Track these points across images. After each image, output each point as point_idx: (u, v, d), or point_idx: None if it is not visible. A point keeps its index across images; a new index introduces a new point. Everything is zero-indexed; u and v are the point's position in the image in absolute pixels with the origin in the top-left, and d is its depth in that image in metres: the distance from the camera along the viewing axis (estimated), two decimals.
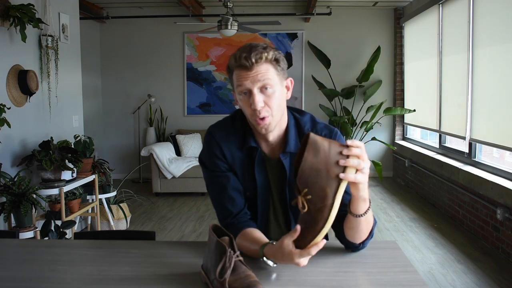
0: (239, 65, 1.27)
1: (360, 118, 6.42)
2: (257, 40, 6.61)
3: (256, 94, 1.28)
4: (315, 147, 1.11)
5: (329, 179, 1.10)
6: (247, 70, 1.27)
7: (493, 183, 3.49)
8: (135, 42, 6.78)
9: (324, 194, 1.10)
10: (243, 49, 1.28)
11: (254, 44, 1.30)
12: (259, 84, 1.28)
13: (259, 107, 1.28)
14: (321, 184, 1.10)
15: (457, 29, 4.44)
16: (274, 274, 1.18)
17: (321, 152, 1.10)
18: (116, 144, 6.90)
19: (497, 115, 3.69)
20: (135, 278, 1.18)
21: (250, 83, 1.27)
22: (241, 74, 1.28)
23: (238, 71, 1.29)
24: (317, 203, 1.10)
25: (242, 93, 1.30)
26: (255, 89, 1.28)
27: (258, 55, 1.26)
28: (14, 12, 2.90)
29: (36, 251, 1.43)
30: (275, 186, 1.45)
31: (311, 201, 1.11)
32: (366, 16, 6.58)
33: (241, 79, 1.28)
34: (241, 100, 1.32)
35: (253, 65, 1.26)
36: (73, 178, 3.34)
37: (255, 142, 1.40)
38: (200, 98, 6.81)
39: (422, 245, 3.72)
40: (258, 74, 1.27)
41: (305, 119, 1.43)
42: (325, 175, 1.10)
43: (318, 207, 1.10)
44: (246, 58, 1.26)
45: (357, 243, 1.29)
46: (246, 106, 1.31)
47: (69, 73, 3.91)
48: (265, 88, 1.28)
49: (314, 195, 1.11)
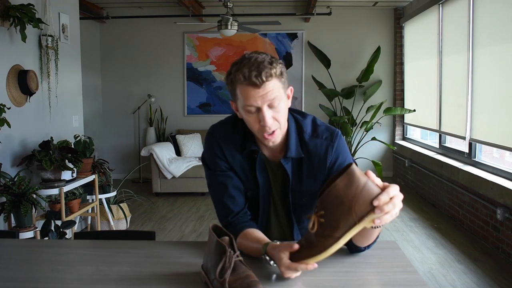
0: (248, 83, 1.24)
1: (360, 118, 6.42)
2: (257, 40, 6.62)
3: (266, 111, 1.26)
4: (350, 179, 1.08)
5: (348, 214, 1.07)
6: (256, 88, 1.24)
7: (493, 183, 3.49)
8: (135, 42, 6.78)
9: (337, 225, 1.08)
10: (251, 66, 1.24)
11: (259, 58, 1.25)
12: (268, 102, 1.26)
13: (269, 124, 1.27)
14: (338, 215, 1.08)
15: (457, 29, 4.44)
16: (274, 274, 1.18)
17: (353, 187, 1.07)
18: (116, 144, 6.90)
19: (497, 115, 3.69)
20: (135, 278, 1.18)
21: (260, 102, 1.25)
22: (249, 92, 1.25)
23: (245, 87, 1.25)
24: (326, 230, 1.09)
25: (248, 111, 1.28)
26: (265, 106, 1.26)
27: (268, 73, 1.23)
28: (14, 12, 2.90)
29: (36, 251, 1.43)
30: (277, 188, 1.45)
31: (322, 225, 1.10)
32: (366, 16, 6.58)
33: (250, 97, 1.25)
34: (248, 116, 1.29)
35: (263, 83, 1.24)
36: (73, 178, 3.34)
37: (256, 145, 1.40)
38: (200, 98, 6.81)
39: (422, 245, 3.72)
40: (267, 92, 1.24)
41: (307, 122, 1.42)
42: (346, 210, 1.07)
43: (325, 234, 1.09)
44: (257, 76, 1.22)
45: (363, 247, 1.29)
46: (253, 122, 1.29)
47: (69, 73, 3.91)
48: (273, 105, 1.27)
49: (327, 221, 1.09)
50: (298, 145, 1.39)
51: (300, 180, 1.41)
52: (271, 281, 1.15)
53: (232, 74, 1.28)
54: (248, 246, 1.28)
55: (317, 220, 1.10)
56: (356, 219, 1.07)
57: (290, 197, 1.42)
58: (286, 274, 1.12)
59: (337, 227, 1.08)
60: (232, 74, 1.28)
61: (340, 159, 1.39)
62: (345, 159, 1.40)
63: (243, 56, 1.29)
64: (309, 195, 1.42)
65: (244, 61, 1.26)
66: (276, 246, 1.18)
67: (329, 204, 1.09)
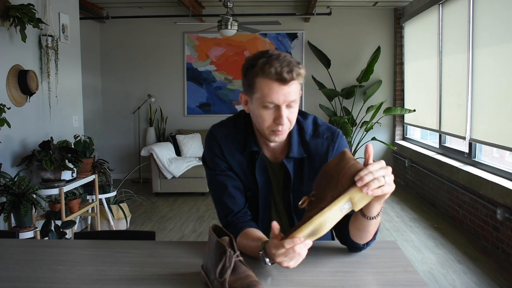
0: (278, 78, 1.21)
1: (360, 118, 6.42)
2: (257, 40, 6.62)
3: (284, 111, 1.26)
4: (341, 157, 1.12)
5: (336, 186, 1.09)
6: (282, 84, 1.22)
7: (493, 183, 3.49)
8: (135, 42, 6.78)
9: (324, 197, 1.09)
10: (282, 62, 1.22)
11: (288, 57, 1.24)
12: (288, 101, 1.25)
13: (285, 123, 1.27)
14: (327, 188, 1.10)
15: (457, 29, 4.44)
16: (269, 277, 1.17)
17: (342, 164, 1.10)
18: (116, 144, 6.90)
19: (497, 115, 3.69)
20: (135, 278, 1.18)
21: (282, 100, 1.24)
22: (274, 87, 1.23)
23: (271, 82, 1.23)
24: (314, 204, 1.11)
25: (265, 106, 1.26)
26: (283, 106, 1.25)
27: (297, 72, 1.23)
28: (14, 12, 2.90)
29: (36, 251, 1.43)
30: (277, 188, 1.45)
31: (311, 202, 1.12)
32: (366, 16, 6.58)
33: (273, 92, 1.23)
34: (262, 111, 1.27)
35: (291, 81, 1.23)
36: (73, 178, 3.34)
37: (257, 146, 1.40)
38: (200, 98, 6.81)
39: (422, 245, 3.72)
40: (291, 92, 1.24)
41: (308, 122, 1.43)
42: (335, 183, 1.09)
43: (312, 207, 1.11)
44: (288, 72, 1.21)
45: (362, 244, 1.29)
46: (267, 119, 1.28)
47: (69, 73, 3.91)
48: (290, 105, 1.27)
49: (316, 197, 1.12)
50: (300, 145, 1.39)
51: (301, 180, 1.41)
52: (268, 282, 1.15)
53: (257, 66, 1.24)
54: (247, 245, 1.27)
55: (308, 200, 1.13)
56: (342, 189, 1.08)
57: (291, 197, 1.42)
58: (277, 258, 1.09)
59: (324, 199, 1.09)
60: (258, 66, 1.24)
61: None
62: None
63: (267, 52, 1.26)
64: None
65: (273, 56, 1.24)
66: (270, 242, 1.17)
67: (320, 183, 1.12)
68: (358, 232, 1.25)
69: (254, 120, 1.34)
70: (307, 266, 1.23)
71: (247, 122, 1.41)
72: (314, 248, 1.38)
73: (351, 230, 1.27)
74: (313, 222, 1.08)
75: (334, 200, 1.08)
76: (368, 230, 1.23)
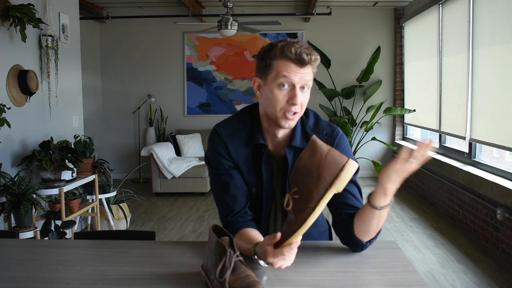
0: (296, 58, 1.26)
1: (360, 118, 6.42)
2: (257, 40, 6.62)
3: (299, 91, 1.29)
4: (313, 148, 1.11)
5: (319, 182, 1.09)
6: (299, 65, 1.27)
7: (493, 183, 3.49)
8: (135, 42, 6.78)
9: (310, 196, 1.09)
10: (302, 46, 1.27)
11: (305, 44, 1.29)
12: (303, 83, 1.29)
13: (299, 103, 1.29)
14: (310, 185, 1.09)
15: (457, 29, 4.44)
16: (264, 276, 1.17)
17: (317, 155, 1.10)
18: (116, 144, 6.90)
19: (497, 115, 3.69)
20: (135, 278, 1.18)
21: (298, 79, 1.28)
22: (291, 66, 1.27)
23: (289, 63, 1.27)
24: (301, 204, 1.10)
25: (281, 85, 1.29)
26: (298, 86, 1.29)
27: (315, 56, 1.28)
28: (14, 12, 2.90)
29: (36, 251, 1.43)
30: (279, 183, 1.45)
31: (296, 201, 1.11)
32: (366, 16, 6.58)
33: (290, 71, 1.27)
34: (277, 89, 1.30)
35: (309, 63, 1.27)
36: (73, 178, 3.34)
37: (263, 139, 1.41)
38: (200, 98, 6.81)
39: (422, 245, 3.72)
40: (307, 74, 1.29)
41: (310, 116, 1.45)
42: (316, 178, 1.09)
43: (301, 208, 1.10)
44: (308, 54, 1.26)
45: (364, 241, 1.29)
46: (281, 98, 1.30)
47: (69, 73, 3.91)
48: (303, 88, 1.30)
49: (300, 195, 1.10)
50: (303, 135, 1.41)
51: None
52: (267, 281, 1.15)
53: (277, 48, 1.29)
54: (242, 246, 1.27)
55: (291, 198, 1.11)
56: (327, 185, 1.08)
57: (288, 189, 1.42)
58: (275, 264, 1.12)
59: (311, 198, 1.09)
60: (278, 48, 1.28)
61: None
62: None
63: (283, 39, 1.32)
64: None
65: (291, 41, 1.29)
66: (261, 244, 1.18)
67: (299, 178, 1.11)
68: (363, 224, 1.26)
69: (266, 104, 1.35)
70: (307, 266, 1.23)
71: (253, 116, 1.43)
72: (314, 248, 1.38)
73: (355, 224, 1.28)
74: (308, 224, 1.08)
75: (322, 197, 1.08)
76: (371, 223, 1.25)
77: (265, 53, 1.32)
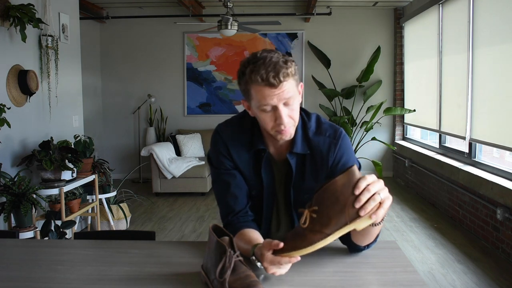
0: (266, 84, 1.24)
1: (360, 118, 6.42)
2: (257, 40, 6.62)
3: (282, 110, 1.27)
4: (350, 179, 1.08)
5: (341, 214, 1.07)
6: (273, 88, 1.24)
7: (493, 183, 3.49)
8: (135, 42, 6.78)
9: (328, 222, 1.07)
10: (268, 67, 1.23)
11: (274, 58, 1.25)
12: (284, 100, 1.26)
13: (286, 122, 1.28)
14: (331, 212, 1.07)
15: (457, 29, 4.44)
16: (269, 277, 1.17)
17: (351, 187, 1.07)
18: (116, 144, 6.90)
19: (497, 115, 3.69)
20: (135, 278, 1.18)
21: (276, 100, 1.25)
22: (266, 92, 1.24)
23: (262, 88, 1.25)
24: (316, 226, 1.08)
25: (263, 110, 1.28)
26: (280, 105, 1.27)
27: (285, 73, 1.24)
28: (14, 12, 2.90)
29: (36, 251, 1.43)
30: (280, 187, 1.45)
31: (313, 220, 1.09)
32: (366, 16, 6.58)
33: (266, 97, 1.25)
34: (263, 115, 1.29)
35: (280, 83, 1.24)
36: (73, 178, 3.34)
37: (264, 144, 1.41)
38: (200, 98, 6.81)
39: (422, 245, 3.72)
40: (283, 91, 1.25)
41: (311, 120, 1.44)
42: (340, 208, 1.07)
43: (315, 229, 1.08)
44: (274, 77, 1.22)
45: (363, 245, 1.29)
46: (269, 121, 1.30)
47: (69, 73, 3.91)
48: (287, 104, 1.28)
49: (319, 216, 1.08)
50: (304, 141, 1.40)
51: (303, 176, 1.41)
52: (268, 281, 1.15)
53: (246, 75, 1.26)
54: (241, 246, 1.27)
55: (309, 215, 1.10)
56: (348, 220, 1.07)
57: (292, 193, 1.43)
58: (270, 270, 1.12)
59: (328, 224, 1.07)
60: (247, 75, 1.26)
61: (344, 158, 1.40)
62: (349, 159, 1.40)
63: (255, 56, 1.27)
64: (311, 192, 1.42)
65: (258, 62, 1.25)
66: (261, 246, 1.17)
67: (324, 200, 1.08)
68: (361, 236, 1.25)
69: (259, 122, 1.36)
70: (307, 266, 1.23)
71: (253, 121, 1.42)
72: None
73: (352, 234, 1.27)
74: (315, 248, 1.08)
75: (339, 229, 1.07)
76: (371, 234, 1.25)
77: (239, 78, 1.31)
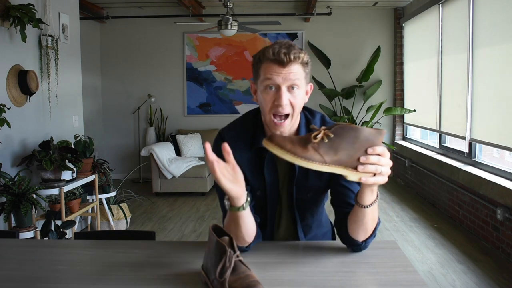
0: (275, 59, 1.26)
1: (360, 118, 6.42)
2: (257, 40, 6.62)
3: (284, 92, 1.28)
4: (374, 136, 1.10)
5: (347, 157, 1.09)
6: (281, 66, 1.27)
7: (493, 183, 3.49)
8: (135, 42, 6.78)
9: (333, 154, 1.08)
10: (281, 45, 1.28)
11: (290, 42, 1.30)
12: (289, 83, 1.28)
13: (284, 103, 1.28)
14: (341, 149, 1.09)
15: (457, 29, 4.44)
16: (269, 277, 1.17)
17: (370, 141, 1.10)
18: (116, 144, 6.90)
19: (497, 115, 3.69)
20: (135, 278, 1.18)
21: (281, 80, 1.28)
22: (274, 68, 1.27)
23: (271, 64, 1.28)
24: (321, 149, 1.08)
25: (267, 87, 1.30)
26: (284, 87, 1.28)
27: (296, 54, 1.27)
28: (14, 12, 2.90)
29: (36, 251, 1.43)
30: (284, 185, 1.45)
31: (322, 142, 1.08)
32: (366, 16, 6.58)
33: (273, 73, 1.27)
34: (264, 93, 1.31)
35: (289, 62, 1.26)
36: (73, 178, 3.34)
37: None
38: (200, 98, 6.81)
39: (422, 245, 3.72)
40: (290, 73, 1.27)
41: (316, 119, 1.44)
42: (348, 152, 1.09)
43: (318, 150, 1.08)
44: (285, 54, 1.25)
45: (360, 240, 1.29)
46: (268, 100, 1.31)
47: (69, 73, 3.91)
48: (292, 88, 1.29)
49: (329, 144, 1.08)
50: None
51: (306, 174, 1.41)
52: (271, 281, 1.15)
53: (260, 52, 1.31)
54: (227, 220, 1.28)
55: (323, 136, 1.09)
56: (347, 165, 1.10)
57: (295, 192, 1.43)
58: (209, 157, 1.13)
59: (331, 156, 1.09)
60: (261, 53, 1.31)
61: None
62: None
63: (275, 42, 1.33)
64: (314, 190, 1.43)
65: (274, 43, 1.31)
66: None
67: (343, 135, 1.09)
68: (355, 225, 1.26)
69: (261, 108, 1.37)
70: (307, 266, 1.23)
71: (257, 120, 1.43)
72: (314, 248, 1.38)
73: (349, 225, 1.29)
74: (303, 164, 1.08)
75: (336, 166, 1.09)
76: (365, 222, 1.24)
77: (254, 59, 1.34)
